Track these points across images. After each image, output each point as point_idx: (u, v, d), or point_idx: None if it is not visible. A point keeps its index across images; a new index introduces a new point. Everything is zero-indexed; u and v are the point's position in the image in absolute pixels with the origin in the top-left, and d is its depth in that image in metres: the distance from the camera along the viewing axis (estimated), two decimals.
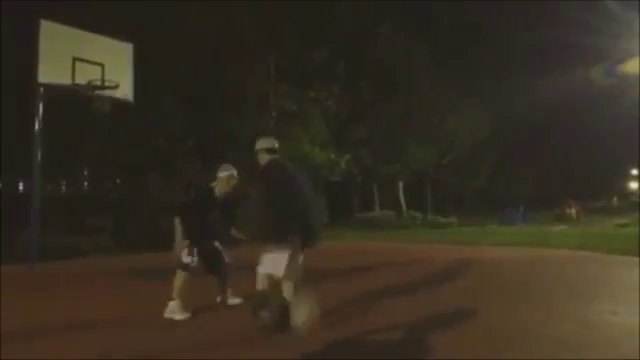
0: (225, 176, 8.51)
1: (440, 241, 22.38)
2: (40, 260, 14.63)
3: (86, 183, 30.92)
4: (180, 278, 8.02)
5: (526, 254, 16.35)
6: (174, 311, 7.87)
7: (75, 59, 14.78)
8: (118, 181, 27.80)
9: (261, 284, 6.96)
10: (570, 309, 7.87)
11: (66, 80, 14.61)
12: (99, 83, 15.11)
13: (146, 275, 12.48)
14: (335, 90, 30.96)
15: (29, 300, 9.85)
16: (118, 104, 16.05)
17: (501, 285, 10.73)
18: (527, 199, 47.90)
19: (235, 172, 8.60)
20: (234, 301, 8.65)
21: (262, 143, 7.53)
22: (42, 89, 14.62)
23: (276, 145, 7.56)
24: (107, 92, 15.32)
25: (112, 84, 15.27)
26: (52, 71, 14.46)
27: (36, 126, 14.75)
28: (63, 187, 33.10)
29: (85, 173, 30.27)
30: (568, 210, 41.40)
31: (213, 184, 8.57)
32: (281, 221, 6.74)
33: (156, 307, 7.87)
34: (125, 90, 15.84)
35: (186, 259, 8.07)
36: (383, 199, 41.12)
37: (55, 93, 14.93)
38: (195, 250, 8.16)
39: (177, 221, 8.10)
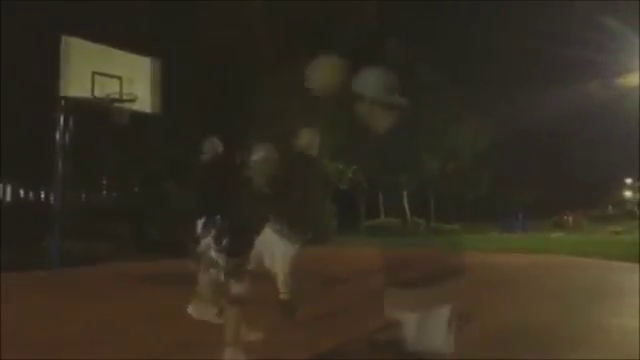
0: (262, 157, 6.41)
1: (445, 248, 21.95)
2: (61, 266, 14.49)
3: (105, 192, 30.83)
4: (232, 316, 5.67)
5: (525, 260, 16.37)
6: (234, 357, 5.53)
7: (95, 73, 14.62)
8: (137, 190, 27.60)
9: None
10: (571, 311, 7.86)
11: (86, 93, 14.45)
12: (118, 96, 14.95)
13: (164, 280, 12.31)
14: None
15: (50, 304, 9.70)
16: (136, 116, 15.90)
17: (500, 288, 10.73)
18: (526, 207, 47.75)
19: (274, 150, 6.54)
20: (251, 337, 6.22)
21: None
22: (63, 102, 14.48)
23: None
24: (126, 104, 15.17)
25: (131, 97, 15.11)
26: (73, 85, 14.31)
27: (57, 137, 14.62)
28: (83, 196, 33.03)
29: (105, 182, 30.20)
30: (565, 218, 41.26)
31: (250, 174, 6.42)
32: None
33: (174, 311, 7.60)
34: (143, 103, 15.68)
35: (236, 287, 5.71)
36: (387, 207, 40.96)
37: (76, 106, 14.80)
38: (247, 272, 5.88)
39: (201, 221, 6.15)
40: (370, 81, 3.83)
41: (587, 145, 48.07)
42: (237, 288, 5.74)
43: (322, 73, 4.05)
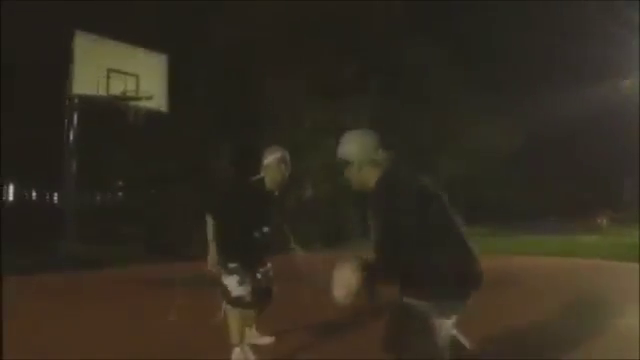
0: (274, 159, 6.23)
1: None
2: (70, 270, 14.39)
3: (120, 193, 30.84)
4: (234, 317, 6.11)
5: (558, 263, 16.22)
6: (244, 357, 6.09)
7: (109, 70, 14.48)
8: (152, 191, 27.56)
9: None
10: (601, 319, 7.69)
11: (101, 91, 14.31)
12: (133, 94, 14.81)
13: (179, 284, 12.21)
14: (367, 102, 30.53)
15: (58, 310, 9.63)
16: (152, 115, 15.76)
17: (530, 294, 10.64)
18: (557, 209, 47.41)
19: (286, 153, 6.32)
20: (262, 340, 6.83)
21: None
22: (77, 100, 14.35)
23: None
24: (141, 103, 15.03)
25: (146, 95, 14.96)
26: (86, 82, 14.16)
27: (70, 137, 14.50)
28: (97, 197, 33.09)
29: (119, 184, 30.20)
30: (599, 220, 40.82)
31: (260, 176, 6.31)
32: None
33: (189, 315, 7.50)
34: (159, 101, 15.52)
35: (237, 290, 6.06)
36: None
37: (89, 104, 14.68)
38: (248, 276, 6.15)
39: (209, 223, 6.10)
40: (353, 147, 4.38)
41: (617, 145, 47.56)
42: (238, 290, 6.02)
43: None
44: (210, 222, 6.14)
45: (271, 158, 6.25)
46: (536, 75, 42.24)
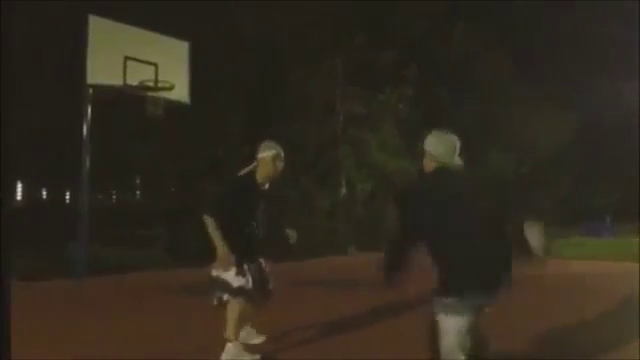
0: (269, 156, 6.72)
1: None
2: (88, 275, 14.44)
3: (138, 192, 30.95)
4: (234, 309, 6.48)
5: (612, 268, 16.06)
6: (236, 354, 6.48)
7: (127, 58, 14.46)
8: (173, 190, 27.65)
9: None
10: None
11: (117, 81, 14.30)
12: (152, 84, 14.78)
13: (203, 291, 12.18)
14: (407, 92, 30.36)
15: (75, 318, 9.66)
16: (173, 107, 15.74)
17: (582, 303, 10.55)
18: (614, 209, 46.92)
19: (282, 151, 6.82)
20: (256, 340, 7.27)
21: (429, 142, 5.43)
22: (91, 90, 14.35)
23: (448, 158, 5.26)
24: (161, 94, 15.01)
25: (166, 85, 14.93)
26: (102, 71, 14.16)
27: (84, 131, 14.49)
28: (113, 196, 33.24)
29: (137, 181, 30.30)
30: None
31: (250, 168, 6.80)
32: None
33: (214, 326, 7.49)
34: (180, 92, 15.50)
35: (238, 281, 6.46)
36: None
37: (105, 95, 14.68)
38: (247, 267, 6.55)
39: (210, 223, 6.47)
40: (440, 146, 5.36)
41: None
42: (239, 281, 6.47)
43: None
44: (209, 221, 6.57)
45: (267, 153, 6.78)
46: (590, 65, 41.78)
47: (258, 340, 7.24)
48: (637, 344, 7.00)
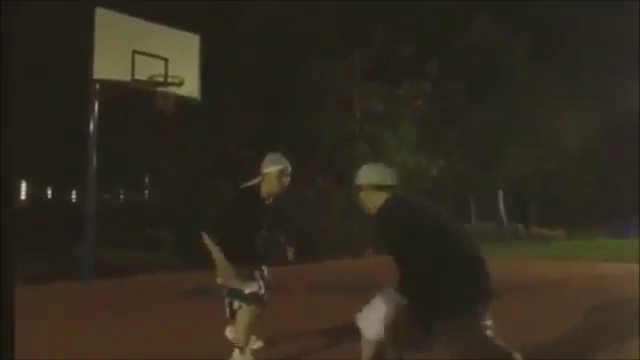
0: (276, 171, 6.63)
1: (545, 256, 22.58)
2: (95, 277, 14.46)
3: (147, 191, 31.00)
4: (247, 315, 6.44)
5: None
6: None
7: (135, 52, 14.47)
8: (183, 189, 27.68)
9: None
10: None
11: (125, 76, 14.30)
12: (162, 79, 14.78)
13: (214, 295, 12.17)
14: (426, 88, 30.28)
15: (82, 322, 9.66)
16: (183, 103, 15.75)
17: (611, 311, 10.33)
18: None
19: (289, 165, 6.74)
20: (254, 345, 7.11)
21: (367, 174, 5.49)
22: (98, 86, 14.36)
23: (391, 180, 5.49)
24: (171, 89, 15.01)
25: (176, 80, 14.93)
26: (109, 66, 14.17)
27: (91, 128, 14.51)
28: (121, 196, 33.31)
29: (146, 180, 30.35)
30: None
31: (255, 182, 6.74)
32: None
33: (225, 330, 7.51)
34: (191, 87, 15.50)
35: (250, 287, 6.44)
36: (480, 210, 40.65)
37: (112, 91, 14.70)
38: (258, 273, 6.58)
39: (209, 241, 6.50)
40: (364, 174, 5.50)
41: None
42: (251, 287, 6.42)
43: None
44: (208, 239, 6.58)
45: (272, 168, 6.64)
46: (618, 60, 41.57)
47: (256, 346, 7.22)
48: None
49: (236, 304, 6.56)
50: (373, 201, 5.30)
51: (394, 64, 29.32)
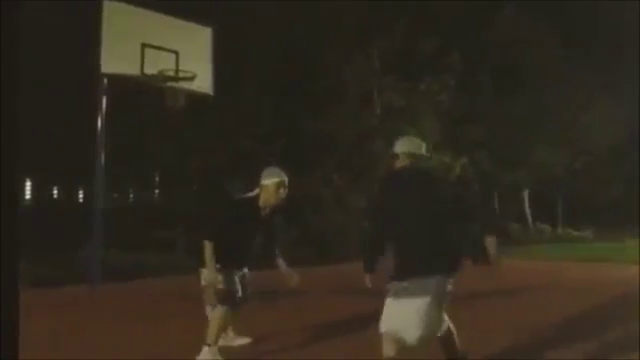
0: (273, 183, 7.33)
1: (573, 258, 22.51)
2: (103, 280, 14.49)
3: (157, 191, 31.02)
4: (220, 314, 7.17)
5: None
6: (212, 357, 7.10)
7: (144, 45, 14.48)
8: (194, 188, 27.69)
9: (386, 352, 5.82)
10: None
11: (134, 70, 14.32)
12: (172, 73, 14.80)
13: None
14: (449, 82, 30.18)
15: (90, 327, 9.69)
16: (194, 98, 15.76)
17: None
18: None
19: (286, 178, 7.44)
20: (240, 342, 8.01)
21: (401, 144, 6.51)
22: (106, 80, 14.39)
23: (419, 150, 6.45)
24: (182, 84, 15.02)
25: (188, 74, 14.94)
26: (118, 59, 14.18)
27: (99, 124, 14.53)
28: (130, 195, 33.36)
29: (156, 179, 30.37)
30: None
31: (254, 194, 7.47)
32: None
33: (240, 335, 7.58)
34: (203, 82, 15.51)
35: (227, 288, 7.20)
36: (505, 209, 40.52)
37: (121, 85, 14.72)
38: (236, 276, 7.36)
39: (208, 250, 7.06)
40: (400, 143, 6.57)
41: None
42: (227, 286, 7.18)
43: None
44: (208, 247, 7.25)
45: (270, 181, 7.39)
46: None
47: (242, 342, 8.03)
48: None
49: (214, 303, 7.27)
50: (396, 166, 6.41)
51: (416, 57, 29.26)
